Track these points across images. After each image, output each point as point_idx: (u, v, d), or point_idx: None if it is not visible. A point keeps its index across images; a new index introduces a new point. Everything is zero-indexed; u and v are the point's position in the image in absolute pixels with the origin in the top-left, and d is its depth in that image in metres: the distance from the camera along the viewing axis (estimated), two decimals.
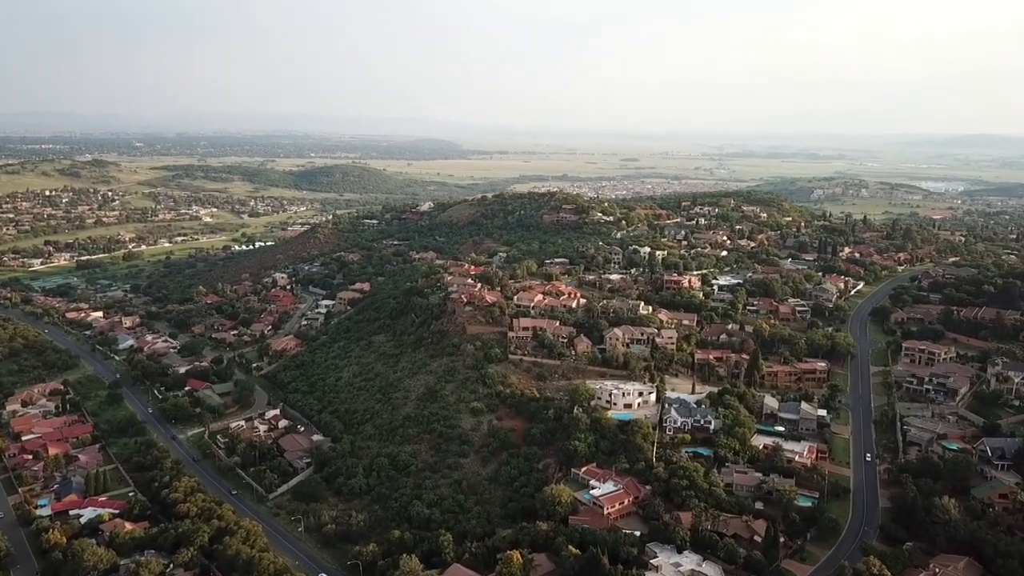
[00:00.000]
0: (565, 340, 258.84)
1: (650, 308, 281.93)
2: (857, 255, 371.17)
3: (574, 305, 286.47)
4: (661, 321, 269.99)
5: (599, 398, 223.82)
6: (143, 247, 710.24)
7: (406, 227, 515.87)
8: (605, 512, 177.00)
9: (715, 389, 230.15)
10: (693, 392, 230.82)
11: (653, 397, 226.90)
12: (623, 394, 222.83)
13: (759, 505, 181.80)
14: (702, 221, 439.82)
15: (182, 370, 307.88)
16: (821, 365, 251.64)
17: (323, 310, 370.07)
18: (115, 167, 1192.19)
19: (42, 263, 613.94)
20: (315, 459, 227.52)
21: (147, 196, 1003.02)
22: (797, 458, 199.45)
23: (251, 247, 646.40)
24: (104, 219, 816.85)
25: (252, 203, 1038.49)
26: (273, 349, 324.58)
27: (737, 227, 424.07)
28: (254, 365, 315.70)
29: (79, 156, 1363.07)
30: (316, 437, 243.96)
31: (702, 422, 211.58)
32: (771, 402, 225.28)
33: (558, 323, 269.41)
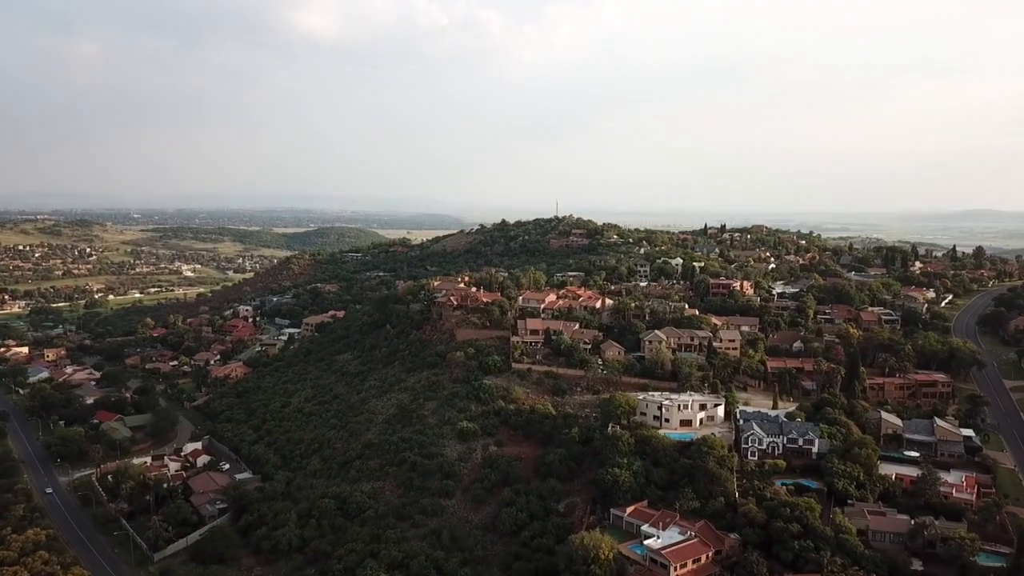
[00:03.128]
0: (588, 345, 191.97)
1: (695, 312, 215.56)
2: (930, 270, 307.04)
3: (598, 306, 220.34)
4: (715, 324, 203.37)
5: (643, 413, 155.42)
6: (110, 296, 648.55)
7: (394, 259, 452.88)
8: (672, 575, 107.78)
9: (797, 405, 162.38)
10: (775, 407, 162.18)
11: (720, 411, 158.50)
12: (679, 407, 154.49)
13: (918, 564, 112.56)
14: (735, 243, 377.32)
15: (90, 400, 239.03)
16: (941, 376, 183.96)
17: (284, 336, 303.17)
18: (100, 227, 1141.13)
19: None
20: (231, 503, 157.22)
21: (129, 254, 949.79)
22: (954, 493, 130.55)
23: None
24: (74, 271, 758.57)
25: (240, 261, 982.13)
26: (214, 377, 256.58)
27: (778, 247, 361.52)
28: (185, 395, 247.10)
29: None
30: (243, 475, 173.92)
31: (800, 442, 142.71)
32: (891, 419, 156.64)
33: (577, 325, 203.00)
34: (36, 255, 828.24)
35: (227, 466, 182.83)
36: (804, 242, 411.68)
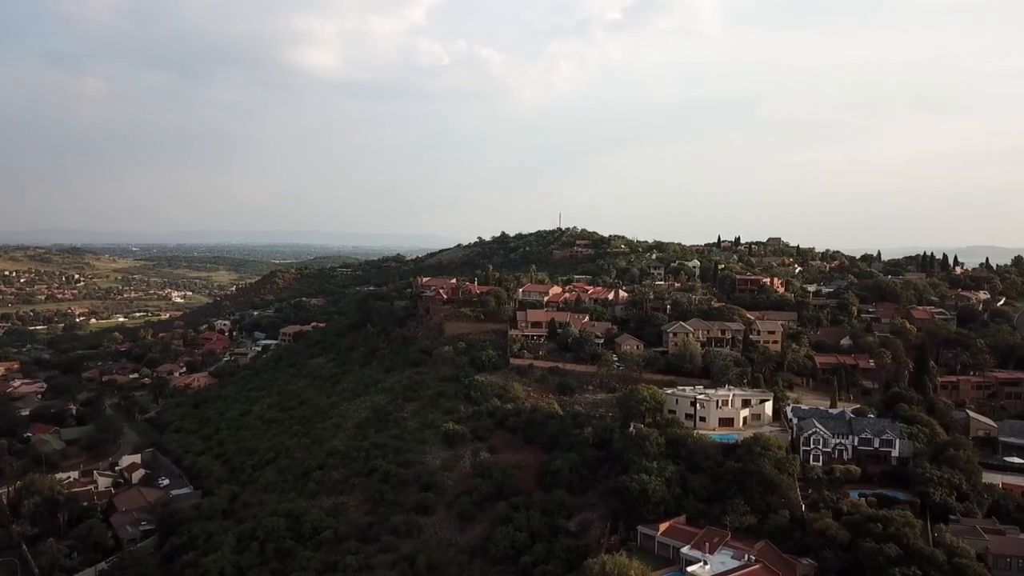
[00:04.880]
0: (601, 339, 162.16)
1: (724, 305, 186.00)
2: (972, 275, 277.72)
3: (610, 297, 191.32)
4: (749, 318, 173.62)
5: (672, 411, 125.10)
6: (93, 320, 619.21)
7: (386, 273, 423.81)
8: None
9: (860, 405, 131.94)
10: (833, 407, 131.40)
11: (768, 408, 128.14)
12: (718, 403, 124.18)
13: None
14: (754, 252, 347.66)
15: (25, 412, 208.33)
16: None
17: (258, 347, 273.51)
18: (92, 255, 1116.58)
19: None
20: (159, 523, 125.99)
21: (119, 281, 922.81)
22: None
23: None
24: (58, 296, 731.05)
25: (233, 289, 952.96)
26: (172, 387, 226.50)
27: (801, 254, 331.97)
28: (137, 407, 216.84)
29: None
30: (181, 491, 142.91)
31: (876, 444, 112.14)
32: (981, 419, 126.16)
33: (587, 318, 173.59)
34: (21, 280, 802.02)
35: (166, 481, 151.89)
36: (825, 251, 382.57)
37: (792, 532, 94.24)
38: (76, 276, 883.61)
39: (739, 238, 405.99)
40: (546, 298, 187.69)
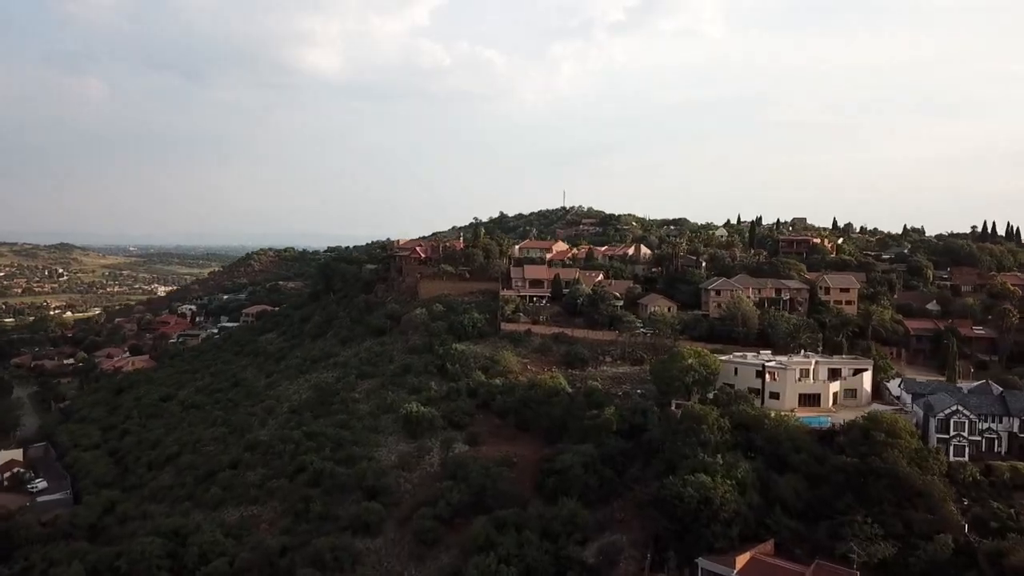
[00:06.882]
0: (621, 301, 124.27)
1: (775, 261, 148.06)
2: None
3: (630, 253, 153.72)
4: (808, 277, 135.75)
5: (730, 384, 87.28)
6: (68, 313, 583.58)
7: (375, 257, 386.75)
8: None
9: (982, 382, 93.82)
10: (951, 381, 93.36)
11: (866, 381, 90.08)
12: (797, 373, 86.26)
13: None
14: (782, 228, 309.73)
15: None
16: None
17: (215, 330, 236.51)
18: (80, 251, 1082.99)
19: None
20: None
21: (105, 276, 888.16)
22: None
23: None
24: (36, 289, 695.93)
25: (205, 274, 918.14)
26: (101, 370, 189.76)
27: (836, 228, 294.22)
28: (53, 394, 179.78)
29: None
30: (52, 496, 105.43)
31: None
32: None
33: (602, 276, 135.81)
34: (1, 274, 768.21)
35: (43, 484, 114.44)
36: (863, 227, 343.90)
37: (960, 569, 56.65)
38: (60, 271, 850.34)
39: (760, 217, 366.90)
40: (549, 255, 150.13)
